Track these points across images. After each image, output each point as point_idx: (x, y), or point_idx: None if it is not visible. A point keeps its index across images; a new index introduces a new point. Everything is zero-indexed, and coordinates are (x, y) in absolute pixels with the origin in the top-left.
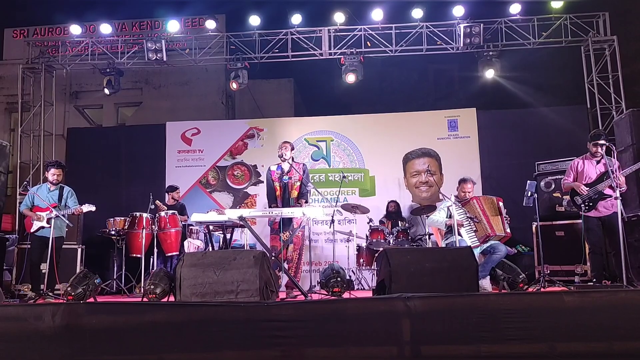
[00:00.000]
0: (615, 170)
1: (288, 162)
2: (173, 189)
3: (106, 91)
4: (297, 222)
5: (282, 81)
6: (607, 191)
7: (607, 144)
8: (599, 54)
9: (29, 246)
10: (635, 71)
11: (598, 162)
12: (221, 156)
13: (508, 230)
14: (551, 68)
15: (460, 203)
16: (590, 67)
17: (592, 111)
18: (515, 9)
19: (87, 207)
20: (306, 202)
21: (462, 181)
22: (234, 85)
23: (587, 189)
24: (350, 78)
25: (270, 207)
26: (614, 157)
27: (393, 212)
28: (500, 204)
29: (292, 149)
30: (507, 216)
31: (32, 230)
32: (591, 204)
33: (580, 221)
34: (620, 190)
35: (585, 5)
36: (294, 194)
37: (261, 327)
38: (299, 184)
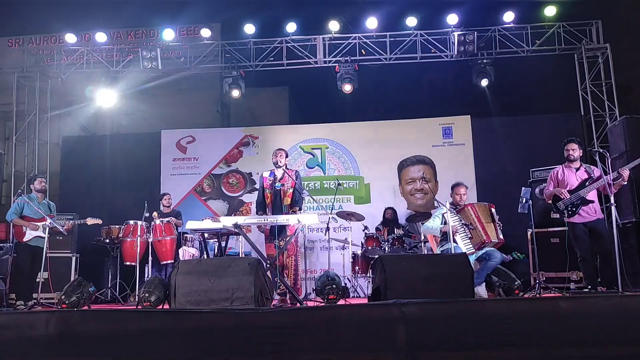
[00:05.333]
0: (595, 177)
1: (282, 169)
2: (161, 196)
3: (103, 102)
4: (291, 230)
5: (277, 89)
6: (590, 196)
7: (578, 145)
8: (592, 61)
9: (14, 256)
10: (628, 78)
11: (577, 169)
12: (216, 164)
13: (501, 236)
14: (545, 76)
15: (455, 210)
16: (583, 75)
17: (586, 118)
18: (508, 17)
19: (92, 221)
20: (300, 209)
21: (455, 185)
22: (236, 93)
23: (569, 195)
24: (347, 88)
25: (257, 214)
26: (608, 164)
27: (390, 220)
28: (493, 210)
29: (287, 156)
30: (499, 222)
31: (25, 240)
32: (574, 209)
33: None
34: (623, 182)
35: (578, 13)
36: (287, 200)
37: (256, 334)
38: (291, 190)
